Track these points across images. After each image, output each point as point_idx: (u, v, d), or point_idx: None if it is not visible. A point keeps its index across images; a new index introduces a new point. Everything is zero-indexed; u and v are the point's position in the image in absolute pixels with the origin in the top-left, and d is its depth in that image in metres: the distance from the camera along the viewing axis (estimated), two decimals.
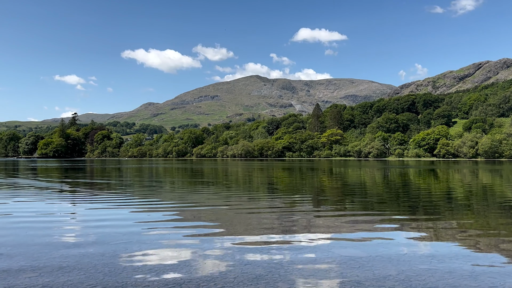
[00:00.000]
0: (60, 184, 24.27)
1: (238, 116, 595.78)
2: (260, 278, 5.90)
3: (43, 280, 5.73)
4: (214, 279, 5.81)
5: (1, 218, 11.12)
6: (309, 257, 7.03)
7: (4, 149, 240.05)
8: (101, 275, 5.99)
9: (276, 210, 12.74)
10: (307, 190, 19.90)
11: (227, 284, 5.61)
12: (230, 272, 6.14)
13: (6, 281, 5.70)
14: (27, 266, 6.43)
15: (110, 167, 57.49)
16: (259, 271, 6.20)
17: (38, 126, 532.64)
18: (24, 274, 6.00)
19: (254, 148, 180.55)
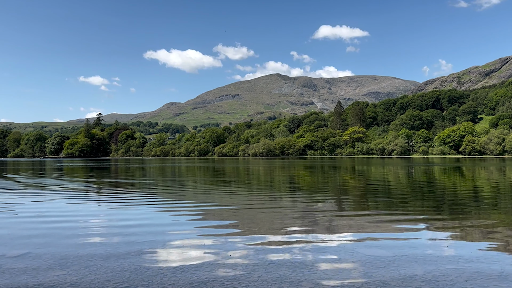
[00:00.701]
0: (85, 183, 24.78)
1: (259, 115, 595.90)
2: (284, 277, 5.89)
3: (71, 278, 5.86)
4: (238, 278, 5.83)
5: (29, 218, 11.42)
6: (333, 257, 6.98)
7: (31, 149, 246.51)
8: (127, 273, 6.09)
9: (298, 209, 12.69)
10: (329, 189, 19.76)
11: (251, 283, 5.62)
12: (253, 271, 6.15)
13: (35, 278, 5.86)
14: (56, 264, 6.59)
15: (134, 167, 58.39)
16: (282, 270, 6.20)
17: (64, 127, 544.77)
18: (53, 272, 6.15)
19: (276, 147, 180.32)
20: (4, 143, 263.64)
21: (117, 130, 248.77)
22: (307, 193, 17.73)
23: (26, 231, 9.38)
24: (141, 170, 46.61)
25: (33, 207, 13.51)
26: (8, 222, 10.76)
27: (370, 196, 16.71)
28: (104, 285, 5.57)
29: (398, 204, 13.78)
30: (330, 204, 13.91)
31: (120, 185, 23.61)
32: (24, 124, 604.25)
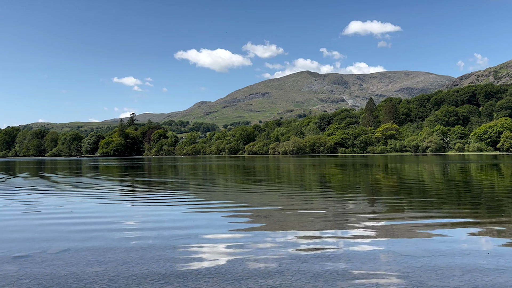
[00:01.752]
0: (120, 182, 25.40)
1: (289, 113, 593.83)
2: (318, 276, 5.86)
3: (109, 275, 6.03)
4: (271, 276, 5.84)
5: (68, 216, 11.83)
6: (368, 256, 6.89)
7: (68, 149, 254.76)
8: (163, 270, 6.22)
9: (329, 209, 12.59)
10: (362, 187, 19.49)
11: (286, 282, 5.62)
12: (287, 270, 6.15)
13: (75, 275, 6.06)
14: (94, 260, 6.80)
15: (166, 165, 59.40)
16: (316, 269, 6.16)
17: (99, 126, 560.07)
18: (91, 268, 6.35)
19: (306, 144, 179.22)
20: (42, 142, 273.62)
21: (150, 129, 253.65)
22: (338, 192, 17.56)
23: (66, 228, 9.72)
24: (173, 168, 47.37)
25: (69, 205, 13.98)
26: (49, 219, 11.17)
27: (404, 194, 16.37)
28: (141, 281, 5.71)
29: (434, 202, 13.44)
30: (363, 204, 13.72)
31: (153, 183, 24.08)
32: (61, 124, 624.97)
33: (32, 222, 10.64)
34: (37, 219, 11.12)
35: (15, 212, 12.59)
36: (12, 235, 9.02)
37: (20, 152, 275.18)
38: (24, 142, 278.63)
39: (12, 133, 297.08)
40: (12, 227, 9.96)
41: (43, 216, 11.73)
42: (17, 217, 11.54)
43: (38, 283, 5.67)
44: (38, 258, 6.98)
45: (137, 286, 5.55)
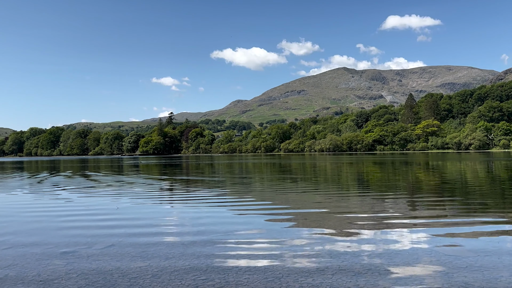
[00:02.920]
0: (159, 181, 25.98)
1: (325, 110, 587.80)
2: (359, 275, 5.78)
3: (152, 270, 6.19)
4: (311, 275, 5.82)
5: (109, 212, 12.24)
6: (410, 256, 6.73)
7: (109, 148, 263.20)
8: (204, 266, 6.32)
9: (369, 207, 12.40)
10: (402, 186, 19.04)
11: (326, 280, 5.58)
12: (327, 268, 6.10)
13: (120, 270, 6.26)
14: (138, 256, 7.00)
15: (204, 163, 60.25)
16: (357, 268, 6.08)
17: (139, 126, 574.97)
18: (135, 264, 6.54)
19: (343, 142, 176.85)
20: (85, 142, 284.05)
21: (187, 128, 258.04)
22: (377, 191, 17.24)
23: (110, 224, 10.06)
24: (210, 167, 47.97)
25: (114, 204, 14.46)
26: (93, 215, 11.60)
27: (446, 192, 15.86)
28: (183, 277, 5.83)
29: (478, 201, 12.94)
30: (403, 203, 13.41)
31: (191, 182, 24.47)
32: (103, 124, 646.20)
33: (76, 218, 11.07)
34: (80, 216, 11.56)
35: (61, 209, 13.15)
36: (58, 231, 9.42)
37: (64, 151, 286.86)
38: (68, 142, 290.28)
39: (56, 133, 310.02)
40: (57, 224, 10.40)
41: (86, 212, 12.20)
42: (63, 214, 12.04)
43: (85, 277, 5.90)
44: (84, 253, 7.25)
45: (179, 281, 5.67)
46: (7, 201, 15.73)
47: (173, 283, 5.58)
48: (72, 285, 5.56)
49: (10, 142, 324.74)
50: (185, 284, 5.54)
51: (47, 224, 10.23)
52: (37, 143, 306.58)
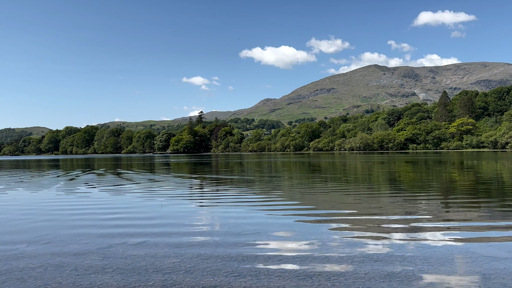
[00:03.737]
0: (189, 180, 26.33)
1: (355, 108, 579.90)
2: (393, 276, 5.69)
3: (185, 266, 6.30)
4: (344, 274, 5.77)
5: (140, 210, 12.51)
6: (445, 257, 6.56)
7: (141, 146, 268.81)
8: (236, 263, 6.38)
9: (401, 207, 12.18)
10: (435, 186, 18.58)
11: (359, 280, 5.53)
12: (360, 268, 6.04)
13: (154, 265, 6.40)
14: (171, 252, 7.13)
15: (233, 162, 60.64)
16: (390, 269, 5.99)
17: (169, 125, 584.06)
18: (169, 260, 6.67)
19: (374, 141, 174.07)
20: (118, 140, 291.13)
21: (217, 127, 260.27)
22: (409, 191, 16.90)
23: (142, 222, 10.30)
24: (240, 165, 48.22)
25: (145, 201, 14.78)
26: (125, 214, 11.91)
27: (482, 193, 15.36)
28: (215, 274, 5.90)
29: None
30: (436, 203, 13.09)
31: (220, 180, 24.68)
32: (135, 123, 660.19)
33: (109, 216, 11.38)
34: (113, 213, 11.89)
35: (95, 207, 13.55)
36: (93, 228, 9.71)
37: (99, 149, 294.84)
38: (102, 140, 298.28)
39: (91, 132, 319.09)
40: (92, 222, 10.71)
41: (118, 210, 12.54)
42: (96, 212, 12.41)
43: (120, 272, 6.06)
44: (119, 249, 7.45)
45: (212, 277, 5.74)
46: (43, 199, 16.33)
47: (205, 279, 5.66)
48: (108, 279, 5.73)
49: (46, 141, 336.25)
50: (217, 280, 5.61)
51: (81, 222, 10.54)
52: (72, 142, 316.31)
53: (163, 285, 5.47)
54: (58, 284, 5.58)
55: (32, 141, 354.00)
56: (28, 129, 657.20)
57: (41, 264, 6.50)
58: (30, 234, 8.97)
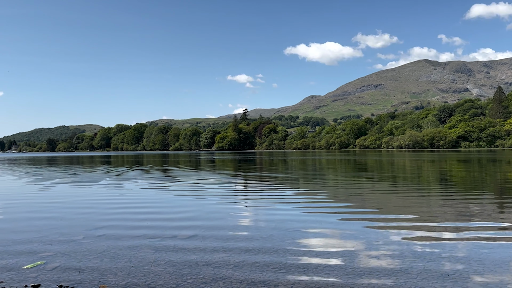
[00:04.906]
0: (234, 177, 26.65)
1: (404, 105, 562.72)
2: (446, 276, 5.51)
3: (234, 261, 6.41)
4: (395, 273, 5.65)
5: (191, 205, 12.81)
6: (502, 259, 6.26)
7: (188, 143, 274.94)
8: (283, 260, 6.42)
9: (453, 208, 11.75)
10: (489, 186, 17.74)
11: (410, 280, 5.40)
12: (411, 268, 5.89)
13: (203, 259, 6.56)
14: (219, 247, 7.28)
15: (277, 159, 60.69)
16: (444, 269, 5.80)
17: (215, 122, 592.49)
18: (218, 254, 6.81)
19: (423, 138, 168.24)
20: (166, 137, 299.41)
21: (261, 124, 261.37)
22: (462, 191, 16.24)
23: (190, 216, 10.58)
24: (284, 163, 48.18)
25: (192, 199, 15.14)
26: (174, 209, 12.26)
27: None
28: (264, 269, 5.97)
29: None
30: (490, 204, 12.51)
31: (265, 178, 24.79)
32: (182, 121, 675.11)
33: (159, 210, 11.77)
34: (162, 208, 12.29)
35: (144, 203, 14.06)
36: (144, 222, 10.07)
37: (147, 146, 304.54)
38: (150, 137, 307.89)
39: (140, 129, 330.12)
40: (143, 215, 11.12)
41: (167, 205, 12.95)
42: (146, 206, 12.88)
43: (172, 264, 6.26)
44: (170, 242, 7.68)
45: (260, 272, 5.81)
46: (97, 194, 17.12)
47: (254, 274, 5.73)
48: (161, 272, 5.93)
49: (99, 138, 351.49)
50: (266, 276, 5.67)
51: (133, 216, 10.98)
52: (123, 139, 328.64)
53: (213, 278, 5.60)
54: (114, 275, 5.84)
55: (85, 138, 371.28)
56: (81, 127, 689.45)
57: (97, 256, 6.82)
58: (85, 227, 9.45)
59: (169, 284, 5.39)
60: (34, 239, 8.07)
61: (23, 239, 8.11)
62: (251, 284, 5.35)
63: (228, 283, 5.41)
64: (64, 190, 18.44)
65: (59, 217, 10.87)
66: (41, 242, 7.85)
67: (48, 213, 11.50)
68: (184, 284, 5.40)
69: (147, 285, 5.39)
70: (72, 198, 15.24)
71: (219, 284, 5.38)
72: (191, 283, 5.43)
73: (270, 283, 5.39)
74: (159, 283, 5.43)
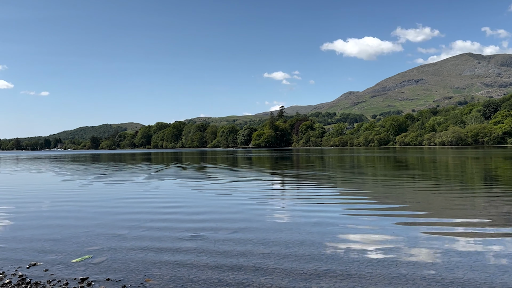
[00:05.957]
0: (271, 175, 26.70)
1: (446, 100, 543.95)
2: (494, 276, 5.32)
3: (275, 257, 6.45)
4: (440, 274, 5.51)
5: (230, 201, 12.97)
6: None
7: (225, 141, 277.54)
8: (324, 257, 6.38)
9: (498, 209, 11.30)
10: None
11: (457, 280, 5.25)
12: (456, 268, 5.73)
13: (244, 255, 6.66)
14: (259, 243, 7.36)
15: (314, 156, 60.23)
16: (491, 270, 5.60)
17: (251, 120, 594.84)
18: (258, 250, 6.88)
19: (467, 135, 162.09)
20: (203, 135, 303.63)
21: (297, 121, 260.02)
22: (508, 190, 15.56)
23: (230, 213, 10.72)
24: (321, 160, 47.77)
25: (232, 195, 15.30)
26: (213, 208, 12.44)
27: None
28: (305, 266, 5.96)
29: None
30: None
31: (302, 176, 24.70)
32: (219, 118, 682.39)
33: (198, 210, 11.97)
34: (202, 205, 12.48)
35: (185, 199, 14.34)
36: (186, 216, 10.31)
37: (186, 143, 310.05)
38: (189, 135, 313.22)
39: (179, 127, 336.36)
40: (185, 209, 11.36)
41: (207, 203, 13.13)
42: (185, 203, 13.13)
43: (214, 260, 6.38)
44: (211, 238, 7.82)
45: (301, 270, 5.82)
46: (137, 190, 17.63)
47: (295, 271, 5.75)
48: (203, 267, 6.06)
49: (139, 136, 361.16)
50: (307, 273, 5.67)
51: (174, 209, 11.26)
52: (163, 137, 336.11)
53: (255, 274, 5.66)
54: (158, 269, 6.02)
55: (127, 136, 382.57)
56: (123, 125, 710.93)
57: (141, 250, 7.04)
58: (129, 222, 9.77)
59: (211, 279, 5.49)
60: (81, 234, 8.43)
61: (70, 234, 8.48)
62: (293, 281, 5.37)
63: (270, 279, 5.45)
64: (108, 186, 19.11)
65: (104, 212, 11.29)
66: (87, 236, 8.18)
67: (93, 208, 11.96)
68: (226, 279, 5.49)
69: (190, 279, 5.52)
70: (115, 194, 15.78)
71: (260, 280, 5.43)
72: (233, 278, 5.52)
73: (312, 280, 5.39)
74: (202, 278, 5.55)
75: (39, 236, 8.34)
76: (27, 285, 5.39)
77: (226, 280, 5.44)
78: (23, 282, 5.54)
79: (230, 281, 5.40)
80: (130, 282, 5.47)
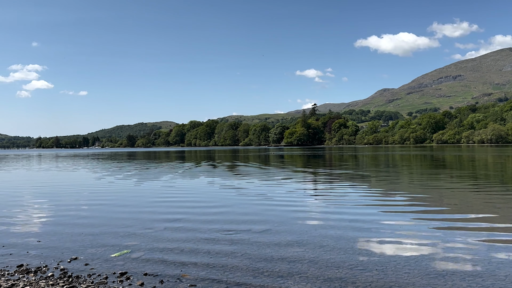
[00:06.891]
0: (304, 173, 26.60)
1: (486, 97, 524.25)
2: None
3: (309, 256, 6.44)
4: (480, 274, 5.36)
5: (262, 200, 13.01)
6: None
7: (257, 139, 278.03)
8: (360, 257, 6.33)
9: None
10: None
11: (498, 282, 5.09)
12: (498, 269, 5.55)
13: (278, 252, 6.67)
14: (294, 241, 7.35)
15: (347, 155, 59.44)
16: None
17: (283, 118, 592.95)
18: (292, 249, 6.87)
19: (508, 133, 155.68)
20: (236, 133, 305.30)
21: (330, 119, 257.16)
22: None
23: (262, 212, 10.78)
24: (355, 159, 47.11)
25: (261, 192, 15.33)
26: (245, 203, 12.52)
27: None
28: (340, 265, 5.93)
29: None
30: None
31: (335, 175, 24.46)
32: (251, 117, 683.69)
33: (230, 205, 12.05)
34: (237, 204, 12.59)
35: (217, 198, 14.49)
36: (219, 215, 10.44)
37: (219, 141, 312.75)
38: (221, 133, 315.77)
39: (212, 125, 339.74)
40: (216, 209, 11.49)
41: (239, 202, 13.22)
42: (217, 201, 13.27)
43: (248, 257, 6.43)
44: (245, 235, 7.89)
45: (336, 269, 5.79)
46: (171, 187, 17.95)
47: (330, 270, 5.72)
48: (238, 263, 6.12)
49: (173, 134, 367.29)
50: (342, 272, 5.63)
51: (207, 210, 11.40)
52: (196, 135, 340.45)
53: (289, 272, 5.67)
54: (194, 265, 6.14)
55: (162, 134, 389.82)
56: (158, 123, 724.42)
57: (177, 246, 7.19)
58: (165, 219, 9.98)
59: (246, 276, 5.54)
60: (119, 230, 8.68)
61: (109, 230, 8.75)
62: (327, 280, 5.34)
63: (304, 277, 5.45)
64: (144, 183, 19.57)
65: (141, 209, 11.58)
66: (126, 232, 8.42)
67: (129, 206, 12.30)
68: (261, 277, 5.52)
69: (225, 275, 5.59)
70: (150, 191, 16.16)
71: (295, 278, 5.43)
72: (268, 276, 5.55)
73: (348, 280, 5.35)
74: (237, 275, 5.61)
75: (79, 231, 8.66)
76: (69, 279, 5.62)
77: (261, 278, 5.47)
78: (64, 275, 5.78)
79: (265, 279, 5.42)
80: (167, 277, 5.59)
